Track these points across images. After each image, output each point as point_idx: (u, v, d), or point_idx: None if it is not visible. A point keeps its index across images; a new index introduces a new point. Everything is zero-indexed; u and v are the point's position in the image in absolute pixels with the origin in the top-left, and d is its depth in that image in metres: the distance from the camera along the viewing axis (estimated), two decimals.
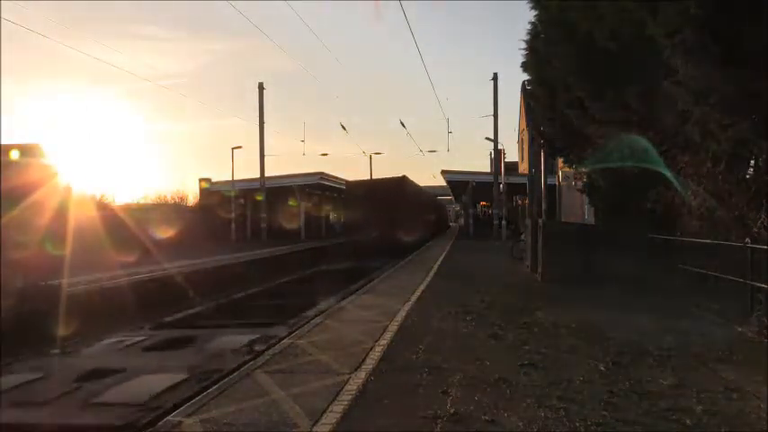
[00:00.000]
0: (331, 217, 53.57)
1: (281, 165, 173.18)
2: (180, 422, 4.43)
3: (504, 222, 32.31)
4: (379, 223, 27.03)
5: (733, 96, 7.41)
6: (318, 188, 45.24)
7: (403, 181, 30.95)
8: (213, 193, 41.03)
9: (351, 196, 33.67)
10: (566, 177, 25.64)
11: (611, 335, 7.49)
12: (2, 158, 12.69)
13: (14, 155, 14.12)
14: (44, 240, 14.44)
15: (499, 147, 34.11)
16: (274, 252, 25.46)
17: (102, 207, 28.22)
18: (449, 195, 65.64)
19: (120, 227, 22.36)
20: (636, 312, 9.20)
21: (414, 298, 10.87)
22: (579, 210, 25.61)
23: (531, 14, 13.19)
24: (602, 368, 5.88)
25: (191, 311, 13.39)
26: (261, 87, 37.05)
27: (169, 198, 44.28)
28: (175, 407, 5.09)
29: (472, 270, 16.38)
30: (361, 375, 5.61)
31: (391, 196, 28.17)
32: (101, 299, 12.41)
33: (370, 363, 6.10)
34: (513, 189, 36.19)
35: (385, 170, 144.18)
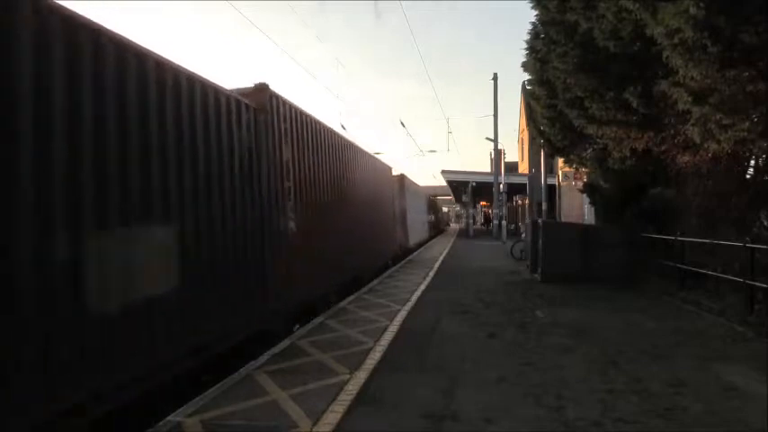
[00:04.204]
0: None
1: None
2: (180, 422, 4.42)
3: (504, 222, 32.25)
4: None
5: (733, 96, 7.41)
6: None
7: None
8: None
9: None
10: (566, 177, 25.61)
11: (611, 334, 7.50)
12: None
13: None
14: None
15: (499, 147, 34.08)
16: None
17: None
18: (449, 195, 65.60)
19: None
20: (636, 312, 9.20)
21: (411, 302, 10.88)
22: (579, 210, 25.60)
23: (531, 14, 13.22)
24: (601, 367, 5.88)
25: None
26: None
27: None
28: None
29: (472, 272, 16.38)
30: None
31: None
32: None
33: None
34: (513, 189, 36.09)
35: None
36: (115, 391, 4.36)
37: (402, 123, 59.11)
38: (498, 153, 34.11)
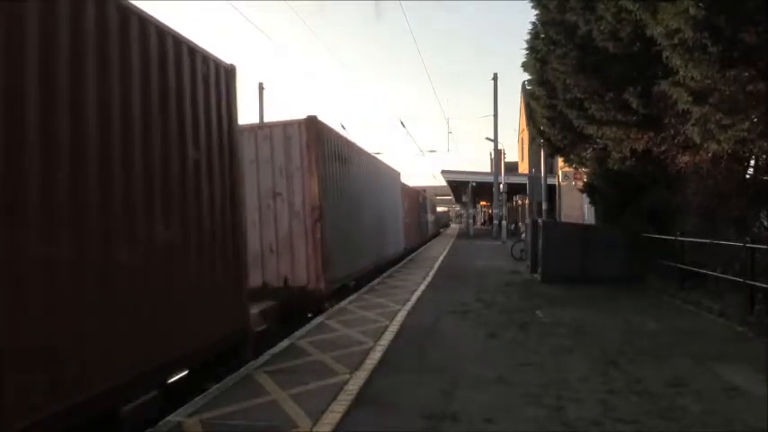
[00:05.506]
0: None
1: None
2: (180, 422, 4.42)
3: (504, 222, 32.27)
4: None
5: (733, 96, 7.41)
6: None
7: None
8: None
9: None
10: (566, 177, 25.65)
11: (611, 334, 7.50)
12: None
13: None
14: None
15: (499, 147, 34.10)
16: None
17: None
18: (449, 195, 65.64)
19: None
20: (636, 313, 9.20)
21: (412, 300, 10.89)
22: (579, 210, 25.61)
23: (531, 14, 13.22)
24: (601, 367, 5.88)
25: None
26: (261, 88, 36.96)
27: None
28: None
29: (472, 271, 16.38)
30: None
31: None
32: None
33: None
34: (513, 189, 36.11)
35: None
36: None
37: (402, 123, 59.09)
38: (498, 153, 34.13)
